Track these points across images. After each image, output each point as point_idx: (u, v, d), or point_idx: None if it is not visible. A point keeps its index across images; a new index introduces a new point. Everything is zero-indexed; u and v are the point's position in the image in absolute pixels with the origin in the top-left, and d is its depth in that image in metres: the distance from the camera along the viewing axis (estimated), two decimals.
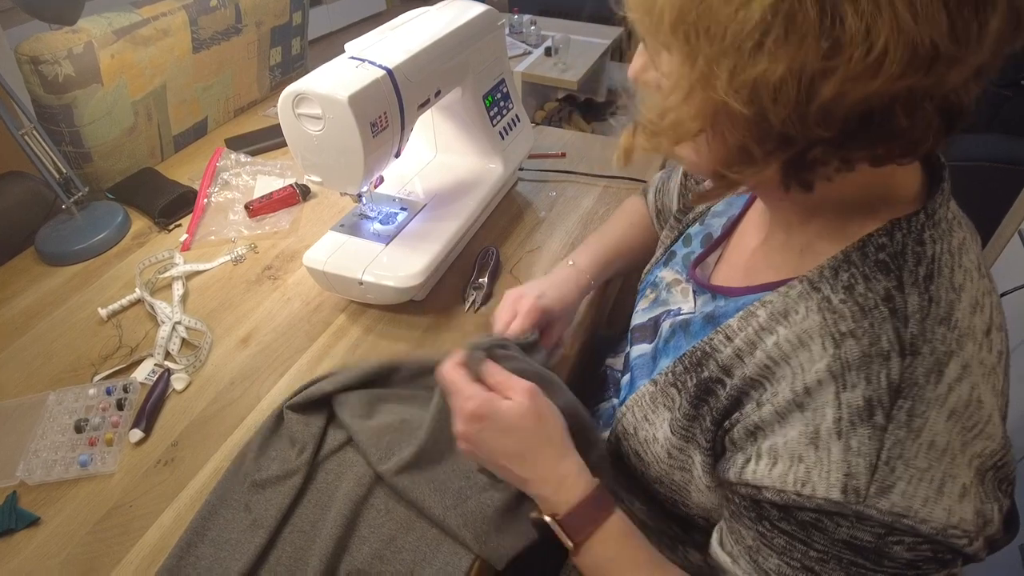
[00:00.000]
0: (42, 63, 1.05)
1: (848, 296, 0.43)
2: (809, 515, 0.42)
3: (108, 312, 0.90)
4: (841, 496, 0.40)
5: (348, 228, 0.89)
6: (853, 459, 0.40)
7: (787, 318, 0.46)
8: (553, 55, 2.96)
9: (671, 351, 0.60)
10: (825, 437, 0.41)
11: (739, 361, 0.49)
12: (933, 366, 0.40)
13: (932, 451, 0.39)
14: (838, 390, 0.41)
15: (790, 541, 0.44)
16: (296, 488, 0.65)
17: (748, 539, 0.47)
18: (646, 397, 0.59)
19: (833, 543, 0.41)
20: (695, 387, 0.52)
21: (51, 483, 0.70)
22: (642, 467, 0.60)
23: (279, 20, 1.49)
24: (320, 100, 0.70)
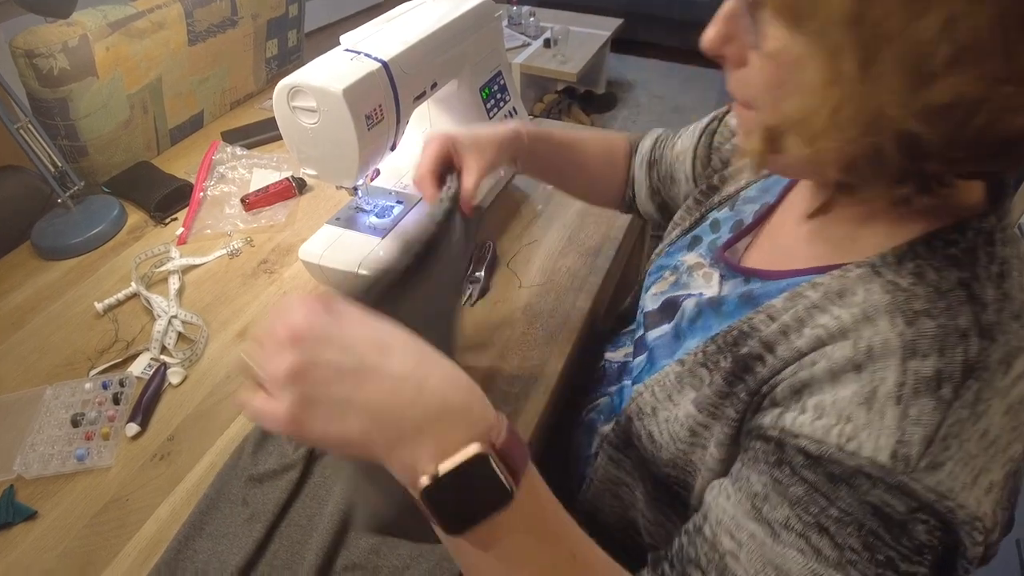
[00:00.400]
0: (37, 56, 1.05)
1: (919, 281, 0.42)
2: (840, 469, 0.40)
3: (104, 306, 0.89)
4: (889, 461, 0.38)
5: (344, 221, 0.88)
6: (909, 427, 0.38)
7: (843, 298, 0.45)
8: (552, 47, 2.95)
9: (698, 331, 0.58)
10: (882, 400, 0.39)
11: (784, 337, 0.47)
12: (1004, 357, 0.39)
13: (983, 440, 0.38)
14: (905, 357, 0.39)
15: (810, 492, 0.40)
16: (293, 482, 0.65)
17: (756, 486, 0.43)
18: (670, 376, 0.57)
19: (860, 504, 0.39)
20: (732, 364, 0.50)
21: (48, 477, 0.70)
22: (654, 449, 0.58)
23: (275, 12, 1.49)
24: (315, 93, 0.70)
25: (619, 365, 0.75)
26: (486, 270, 0.91)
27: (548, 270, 0.95)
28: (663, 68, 3.89)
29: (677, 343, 0.61)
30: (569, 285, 0.92)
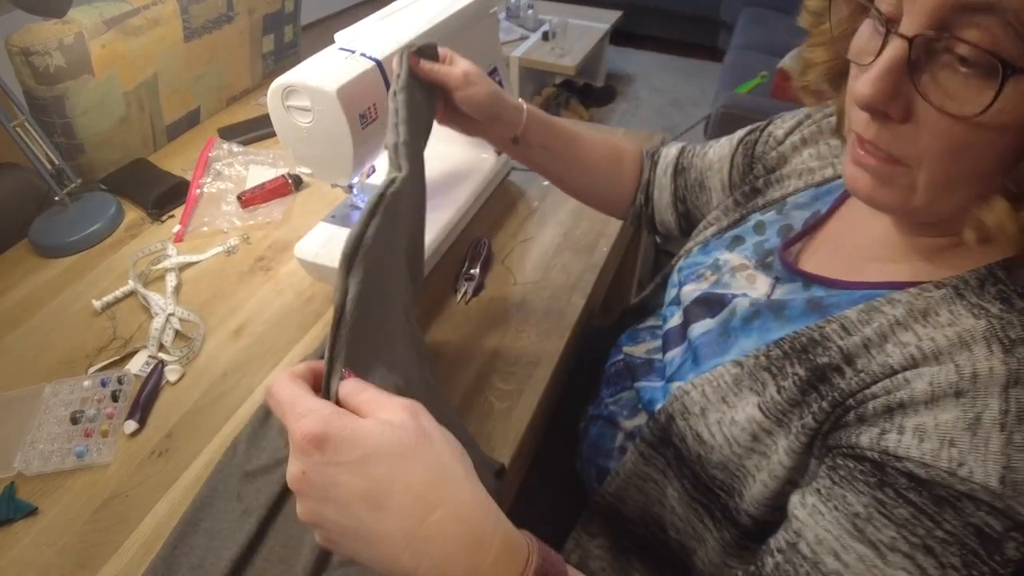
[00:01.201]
0: (33, 54, 1.05)
1: (1009, 307, 0.43)
2: (948, 493, 0.41)
3: (102, 304, 0.90)
4: (999, 486, 0.39)
5: (339, 219, 0.89)
6: (1015, 453, 0.40)
7: (927, 318, 0.46)
8: (551, 39, 2.94)
9: (754, 332, 0.59)
10: (987, 427, 0.40)
11: (866, 351, 0.48)
12: None
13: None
14: (1008, 386, 0.41)
15: (916, 514, 0.42)
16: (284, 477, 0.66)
17: (857, 506, 0.44)
18: (725, 378, 0.57)
19: (965, 525, 0.40)
20: (807, 372, 0.51)
21: (48, 474, 0.71)
22: (702, 450, 0.57)
23: (271, 7, 1.49)
24: (309, 92, 0.70)
25: (642, 360, 0.75)
26: (481, 267, 0.92)
27: (543, 267, 0.95)
28: (663, 61, 3.88)
29: (726, 342, 0.61)
30: (564, 282, 0.93)
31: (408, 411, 0.39)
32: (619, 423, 0.71)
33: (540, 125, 0.76)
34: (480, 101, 0.69)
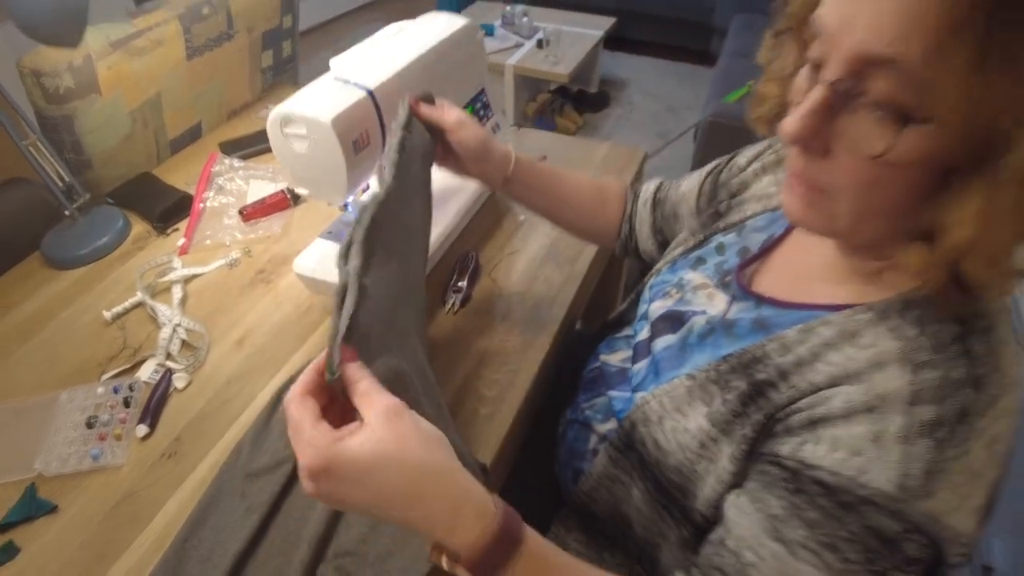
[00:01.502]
0: (44, 76, 1.11)
1: (922, 331, 0.48)
2: (850, 498, 0.47)
3: (112, 315, 0.96)
4: (895, 491, 0.45)
5: (335, 235, 0.95)
6: (912, 464, 0.45)
7: (854, 339, 0.51)
8: (545, 47, 2.99)
9: (707, 347, 0.64)
10: (889, 440, 0.46)
11: (798, 369, 0.53)
12: (988, 403, 0.45)
13: (968, 471, 0.45)
14: (911, 405, 0.46)
15: (824, 516, 0.48)
16: (286, 476, 0.72)
17: (775, 508, 0.50)
18: (680, 390, 0.63)
19: (864, 527, 0.46)
20: (748, 386, 0.56)
21: (66, 475, 0.77)
22: (659, 455, 0.63)
23: (270, 24, 1.54)
24: (305, 122, 0.76)
25: (616, 369, 0.81)
26: (468, 280, 0.97)
27: (528, 279, 1.01)
28: (656, 65, 3.93)
29: (684, 356, 0.66)
30: (546, 293, 0.99)
31: (390, 415, 0.46)
32: (593, 427, 0.77)
33: (527, 168, 0.83)
34: (471, 144, 0.76)
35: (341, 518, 0.69)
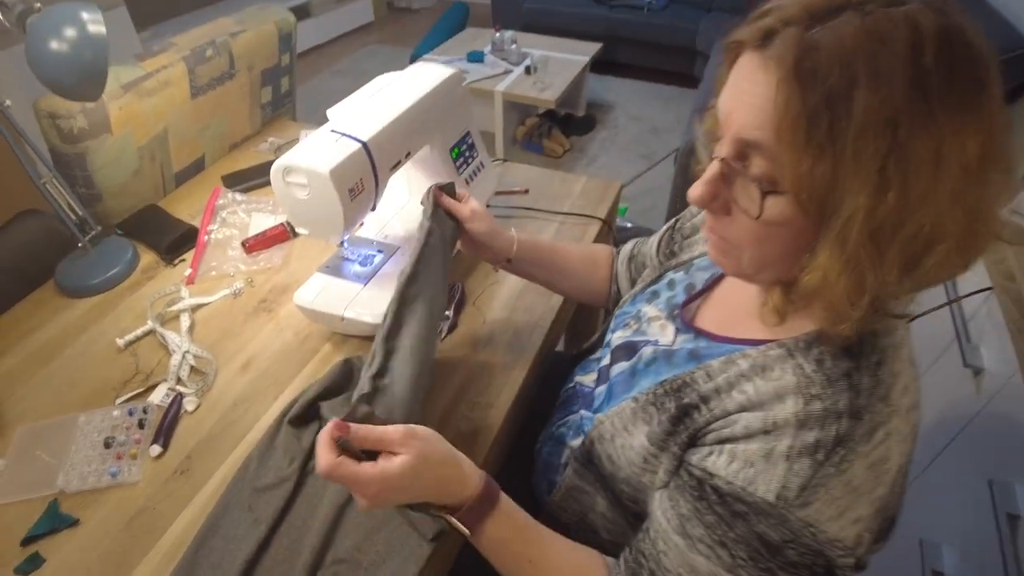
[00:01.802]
0: (59, 118, 1.19)
1: (819, 368, 0.57)
2: (742, 507, 0.56)
3: (125, 342, 1.04)
4: (774, 499, 0.54)
5: (332, 270, 1.04)
6: (792, 477, 0.54)
7: (764, 373, 0.59)
8: (533, 73, 3.10)
9: (651, 373, 0.73)
10: (777, 457, 0.55)
11: (717, 396, 0.62)
12: (868, 430, 0.54)
13: (847, 487, 0.53)
14: (798, 429, 0.55)
15: (718, 520, 0.57)
16: (289, 492, 0.80)
17: (684, 508, 0.60)
18: (627, 411, 0.72)
19: (750, 531, 0.55)
20: (676, 409, 0.65)
21: (86, 491, 0.84)
22: (612, 468, 0.73)
23: (268, 63, 1.64)
24: (306, 173, 0.85)
25: (589, 389, 0.90)
26: (455, 309, 1.06)
27: (509, 307, 1.10)
28: (641, 88, 4.05)
29: (633, 381, 0.75)
30: (526, 320, 1.08)
31: (406, 439, 0.62)
32: (566, 443, 0.86)
33: (528, 247, 0.96)
34: (481, 232, 0.91)
35: (338, 528, 0.77)
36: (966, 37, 0.47)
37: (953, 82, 0.46)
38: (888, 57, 0.46)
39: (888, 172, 0.47)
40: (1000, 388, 1.05)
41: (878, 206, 0.48)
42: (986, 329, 1.16)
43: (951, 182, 0.47)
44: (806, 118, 0.47)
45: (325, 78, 4.38)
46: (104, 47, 0.96)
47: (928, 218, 0.48)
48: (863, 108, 0.46)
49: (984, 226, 0.50)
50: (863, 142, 0.47)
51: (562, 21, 4.20)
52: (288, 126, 1.74)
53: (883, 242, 0.49)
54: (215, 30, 1.49)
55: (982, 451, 1.07)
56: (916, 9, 0.47)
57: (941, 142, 0.46)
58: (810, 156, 0.48)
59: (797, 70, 0.48)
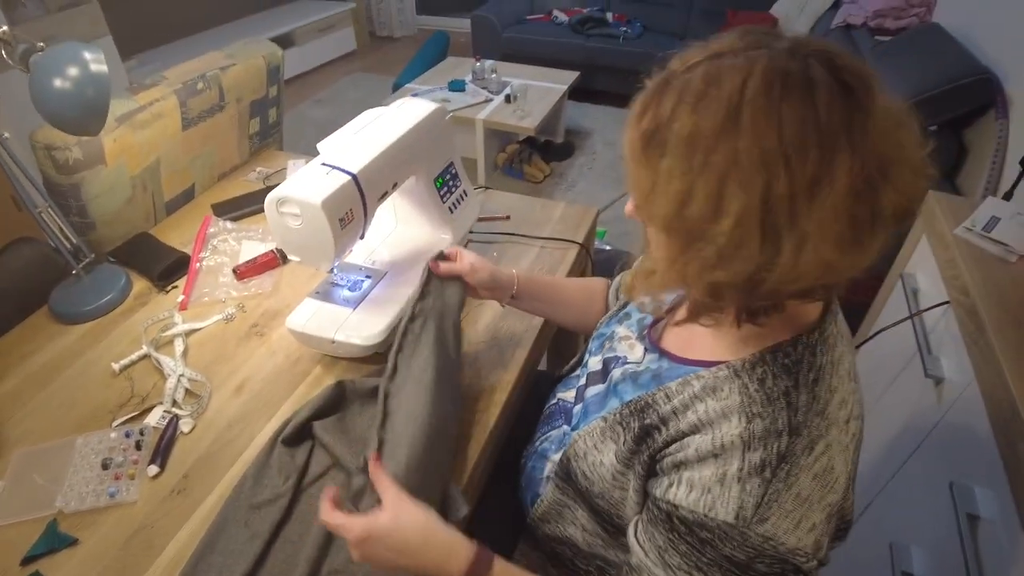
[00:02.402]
0: (55, 149, 1.23)
1: (760, 387, 0.61)
2: (706, 534, 0.59)
3: (120, 366, 1.07)
4: (734, 520, 0.58)
5: (322, 295, 1.08)
6: (746, 498, 0.58)
7: (715, 393, 0.64)
8: (512, 102, 3.18)
9: (620, 393, 0.78)
10: (729, 480, 0.59)
11: (674, 416, 0.67)
12: (808, 444, 0.59)
13: (798, 499, 0.58)
14: (744, 451, 0.59)
15: (690, 548, 0.61)
16: (284, 508, 0.84)
17: (659, 540, 0.64)
18: (597, 430, 0.76)
19: (719, 555, 0.59)
20: (639, 429, 0.70)
21: (85, 511, 0.87)
22: (587, 484, 0.77)
23: (257, 95, 1.69)
24: (299, 203, 0.90)
25: (571, 405, 0.94)
26: None
27: (492, 328, 1.15)
28: (618, 115, 4.16)
29: (605, 401, 0.80)
30: (509, 340, 1.13)
31: (398, 498, 0.71)
32: (548, 457, 0.90)
33: (529, 284, 1.04)
34: (484, 280, 0.98)
35: (333, 542, 0.81)
36: (805, 79, 0.52)
37: (770, 122, 0.52)
38: (713, 96, 0.53)
39: (695, 188, 0.55)
40: (959, 396, 1.12)
41: (681, 213, 0.56)
42: (945, 341, 1.23)
43: (757, 203, 0.53)
44: (640, 139, 0.58)
45: (308, 106, 4.44)
46: (106, 84, 1.00)
47: (722, 233, 0.54)
48: (678, 131, 0.55)
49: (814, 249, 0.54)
50: (674, 159, 0.55)
51: (540, 50, 4.32)
52: (275, 156, 1.79)
53: (690, 244, 0.57)
54: (205, 64, 1.55)
55: (944, 456, 1.12)
56: (758, 55, 0.53)
57: (751, 173, 0.52)
58: (639, 168, 0.59)
59: (644, 105, 0.59)
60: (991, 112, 2.07)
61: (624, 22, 4.44)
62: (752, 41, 0.56)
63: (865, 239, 0.55)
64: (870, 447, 1.45)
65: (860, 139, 0.52)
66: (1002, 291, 1.12)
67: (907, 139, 0.55)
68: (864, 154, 0.52)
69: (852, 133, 0.51)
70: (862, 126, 0.52)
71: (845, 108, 0.52)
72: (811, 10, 3.71)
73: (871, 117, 0.52)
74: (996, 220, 1.24)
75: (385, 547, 0.69)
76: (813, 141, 0.51)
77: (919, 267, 1.47)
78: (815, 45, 0.54)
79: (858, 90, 0.52)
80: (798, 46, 0.54)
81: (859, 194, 0.52)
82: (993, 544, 0.92)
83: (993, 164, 1.96)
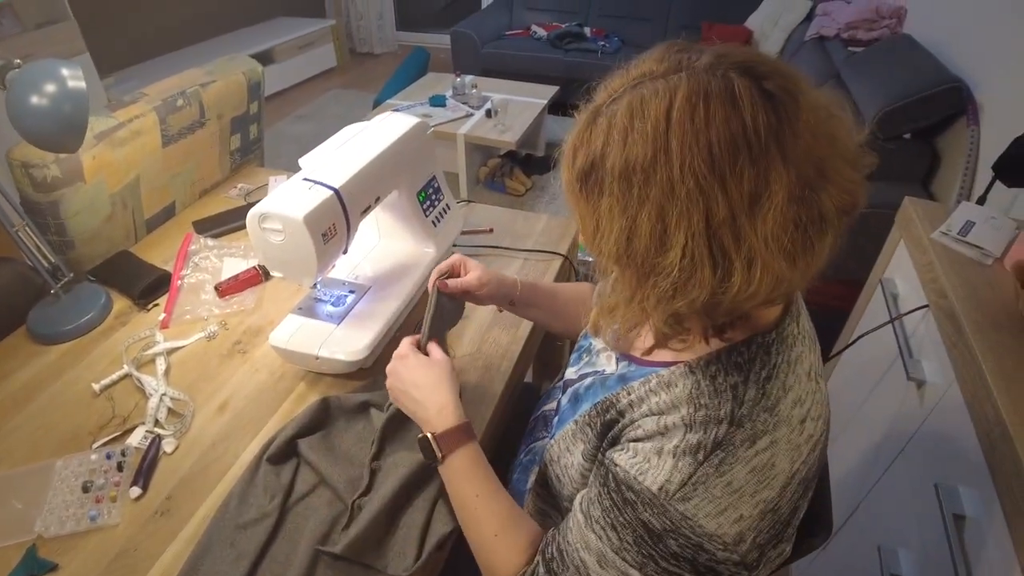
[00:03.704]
0: (32, 167, 1.21)
1: (711, 382, 0.63)
2: (631, 495, 0.61)
3: (101, 387, 1.05)
4: (656, 491, 0.59)
5: (305, 311, 1.07)
6: (675, 473, 0.59)
7: (669, 388, 0.66)
8: (493, 116, 3.20)
9: (590, 397, 0.79)
10: (665, 454, 0.60)
11: (631, 408, 0.68)
12: (748, 437, 0.59)
13: (728, 488, 0.58)
14: (685, 432, 0.60)
15: (612, 504, 0.63)
16: (270, 527, 0.82)
17: (592, 492, 0.66)
18: (569, 433, 0.78)
19: (636, 518, 0.61)
20: (601, 426, 0.72)
21: (65, 535, 0.85)
22: (560, 487, 0.78)
23: (237, 111, 1.68)
24: (281, 219, 0.89)
25: (553, 415, 0.94)
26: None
27: (477, 341, 1.15)
28: None
29: (577, 406, 0.81)
30: (494, 354, 1.12)
31: (442, 359, 0.88)
32: (531, 469, 0.90)
33: (529, 289, 1.05)
34: (493, 292, 1.00)
35: (319, 561, 0.80)
36: (728, 95, 0.52)
37: (700, 145, 0.52)
38: (639, 128, 0.53)
39: (638, 223, 0.55)
40: (941, 398, 1.13)
41: (628, 250, 0.56)
42: (925, 344, 1.25)
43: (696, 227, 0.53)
44: (576, 179, 0.59)
45: (289, 123, 4.43)
46: (84, 101, 0.99)
47: (671, 265, 0.55)
48: (610, 168, 0.55)
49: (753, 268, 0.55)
50: (611, 196, 0.56)
51: (520, 65, 4.35)
52: (257, 172, 1.78)
53: (644, 278, 0.58)
54: (185, 80, 1.54)
55: (928, 458, 1.14)
56: (679, 79, 0.54)
57: (689, 202, 0.53)
58: (581, 207, 0.60)
59: (575, 145, 0.59)
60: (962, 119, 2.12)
61: (602, 37, 4.50)
62: (672, 63, 0.56)
63: (815, 243, 0.55)
64: (854, 451, 1.46)
65: (792, 145, 0.52)
66: (979, 293, 1.13)
67: (839, 131, 0.55)
68: (797, 160, 0.52)
69: (782, 142, 0.51)
70: (792, 131, 0.52)
71: (771, 118, 0.51)
72: (785, 23, 3.78)
73: (799, 120, 0.52)
74: (971, 224, 1.27)
75: (405, 376, 0.86)
76: (745, 158, 0.51)
77: (897, 272, 1.49)
78: (735, 57, 0.54)
79: (781, 96, 0.52)
80: (718, 60, 0.54)
81: (800, 200, 0.52)
82: (979, 543, 0.93)
83: (966, 170, 2.00)
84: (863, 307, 1.70)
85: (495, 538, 0.76)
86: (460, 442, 0.81)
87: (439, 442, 0.81)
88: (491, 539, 0.77)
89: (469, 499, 0.79)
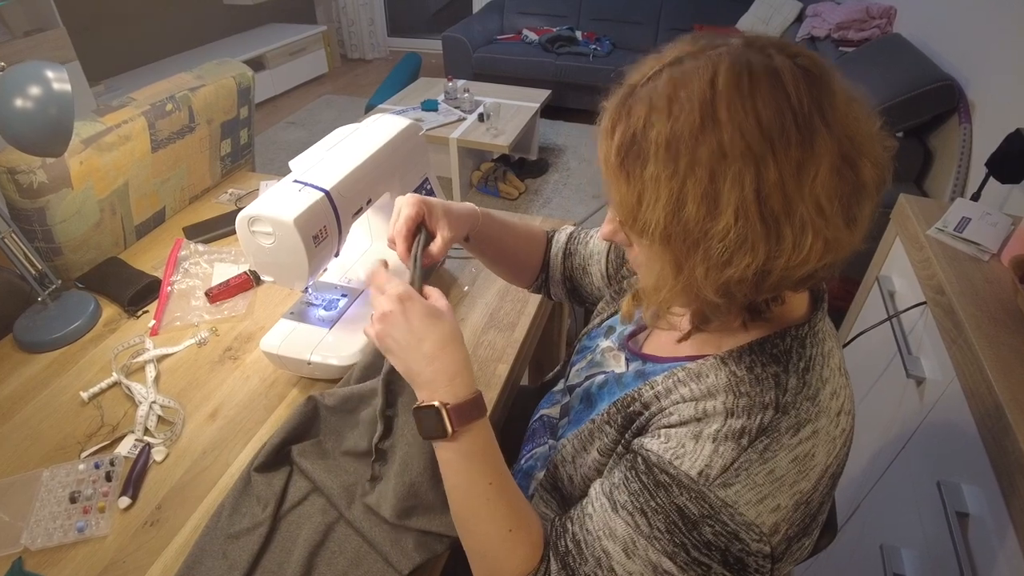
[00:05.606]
0: (18, 173, 1.19)
1: (749, 372, 0.62)
2: (665, 477, 0.59)
3: (89, 395, 1.03)
4: (696, 475, 0.58)
5: (297, 315, 1.06)
6: (715, 458, 0.58)
7: (699, 379, 0.64)
8: (486, 120, 3.19)
9: (606, 396, 0.78)
10: (704, 438, 0.59)
11: (656, 400, 0.67)
12: (793, 424, 0.58)
13: (770, 476, 0.57)
14: (727, 417, 0.59)
15: (642, 488, 0.61)
16: (263, 537, 0.81)
17: (616, 477, 0.64)
18: (585, 432, 0.76)
19: (670, 503, 0.59)
20: (622, 420, 0.70)
21: (52, 548, 0.83)
22: (572, 488, 0.76)
23: (227, 116, 1.67)
24: (270, 221, 0.88)
25: (556, 420, 0.93)
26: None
27: (472, 343, 1.13)
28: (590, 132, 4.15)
29: (591, 407, 0.80)
30: (490, 356, 1.11)
31: (447, 309, 0.72)
32: (533, 475, 0.89)
33: (487, 221, 0.95)
34: (456, 234, 0.87)
35: (313, 570, 0.78)
36: (770, 68, 0.53)
37: (748, 112, 0.52)
38: (684, 97, 0.53)
39: (687, 190, 0.54)
40: (941, 395, 1.12)
41: (678, 218, 0.55)
42: (923, 341, 1.24)
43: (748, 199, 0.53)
44: (615, 154, 0.57)
45: (281, 128, 4.42)
46: (70, 104, 0.98)
47: (724, 230, 0.54)
48: (655, 138, 0.54)
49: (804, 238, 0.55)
50: (657, 164, 0.54)
51: (512, 69, 4.35)
52: (247, 177, 1.77)
53: (693, 249, 0.56)
54: (175, 85, 1.52)
55: (930, 455, 1.13)
56: (719, 53, 0.54)
57: (740, 165, 0.52)
58: (621, 182, 0.58)
59: (612, 119, 0.58)
60: (954, 117, 2.12)
61: (594, 40, 4.50)
62: (707, 43, 0.57)
63: (857, 214, 0.56)
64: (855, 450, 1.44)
65: (832, 118, 0.53)
66: (977, 289, 1.13)
67: (862, 113, 0.56)
68: (838, 131, 0.53)
69: (824, 113, 0.53)
70: (831, 105, 0.53)
71: (812, 90, 0.53)
72: (776, 24, 3.79)
73: (835, 96, 0.54)
74: (967, 220, 1.26)
75: (407, 326, 0.68)
76: (791, 125, 0.52)
77: (894, 269, 1.49)
78: (766, 40, 0.56)
79: (816, 72, 0.54)
80: (753, 41, 0.56)
81: (841, 171, 0.53)
82: (983, 540, 0.92)
83: (959, 167, 2.00)
84: (860, 305, 1.70)
85: (510, 534, 0.68)
86: (474, 415, 0.68)
87: (452, 415, 0.67)
88: (505, 535, 0.68)
89: (481, 487, 0.68)
